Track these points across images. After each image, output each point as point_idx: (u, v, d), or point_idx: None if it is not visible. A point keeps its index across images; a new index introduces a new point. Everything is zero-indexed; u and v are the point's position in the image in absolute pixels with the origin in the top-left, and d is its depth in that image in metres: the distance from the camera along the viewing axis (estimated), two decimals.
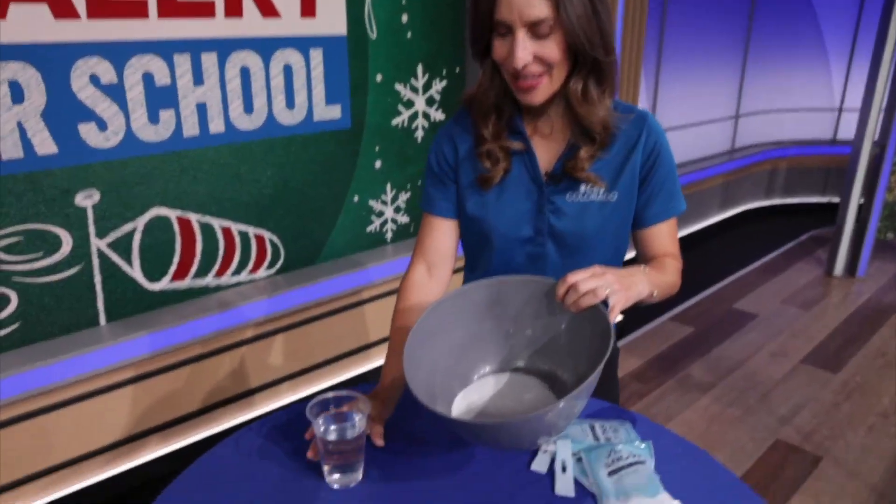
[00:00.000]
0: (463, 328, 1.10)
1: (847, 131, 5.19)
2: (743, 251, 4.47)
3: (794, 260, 4.33)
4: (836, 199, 5.23)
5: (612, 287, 0.96)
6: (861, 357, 3.07)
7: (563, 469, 1.00)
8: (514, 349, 1.12)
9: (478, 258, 1.27)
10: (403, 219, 2.73)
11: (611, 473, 0.96)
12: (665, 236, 1.19)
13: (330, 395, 1.03)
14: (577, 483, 0.98)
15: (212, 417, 2.18)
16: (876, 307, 3.60)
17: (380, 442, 1.04)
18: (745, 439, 2.45)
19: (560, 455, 1.04)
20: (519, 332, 1.11)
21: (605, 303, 0.97)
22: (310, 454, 1.02)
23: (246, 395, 2.26)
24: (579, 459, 1.03)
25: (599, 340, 0.97)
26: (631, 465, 0.97)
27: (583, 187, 1.14)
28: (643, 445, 1.03)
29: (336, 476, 0.99)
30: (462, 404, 1.07)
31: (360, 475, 1.00)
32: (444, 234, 1.24)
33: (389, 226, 2.69)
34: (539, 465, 1.03)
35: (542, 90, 1.06)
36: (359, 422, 0.99)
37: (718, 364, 3.01)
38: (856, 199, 3.87)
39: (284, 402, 2.36)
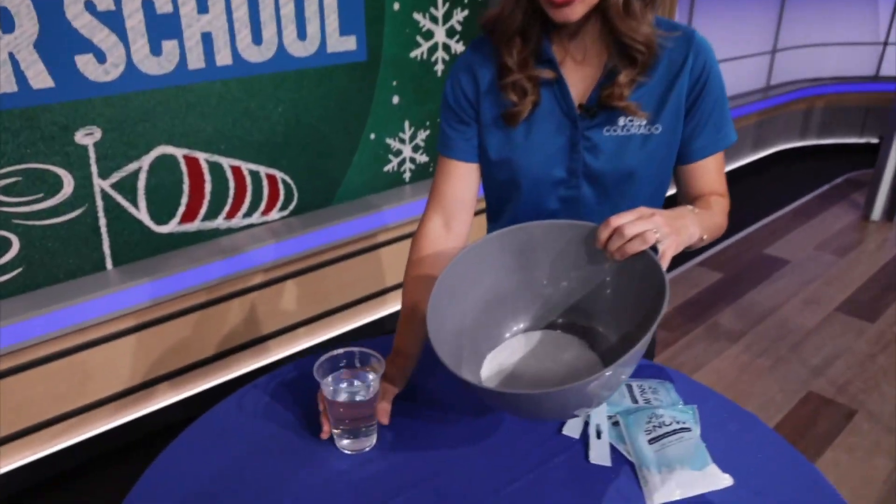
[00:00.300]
0: (490, 281, 0.99)
1: (891, 67, 4.92)
2: (775, 194, 4.29)
3: (828, 204, 4.15)
4: (874, 140, 5.01)
5: (661, 230, 0.85)
6: None
7: (598, 435, 0.92)
8: (548, 304, 1.02)
9: (503, 206, 1.15)
10: (422, 158, 2.61)
11: (652, 441, 0.87)
12: (712, 172, 1.07)
13: (340, 351, 0.94)
14: (614, 450, 0.90)
15: (224, 364, 2.13)
16: None
17: (385, 420, 0.95)
18: (775, 390, 2.36)
19: (595, 419, 0.95)
20: (554, 284, 1.00)
21: (653, 249, 0.87)
22: (324, 434, 0.93)
23: (260, 340, 2.20)
24: (615, 423, 0.94)
25: (650, 293, 0.86)
26: (675, 432, 0.88)
27: (622, 120, 1.01)
28: (688, 410, 0.94)
29: (347, 441, 0.91)
30: (492, 367, 0.97)
31: (373, 440, 0.92)
32: (462, 180, 1.12)
33: (408, 165, 2.57)
34: (571, 429, 0.94)
35: (580, 5, 0.92)
36: (373, 382, 0.90)
37: (748, 312, 2.90)
38: None
39: (300, 348, 2.31)
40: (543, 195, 1.09)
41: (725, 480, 0.82)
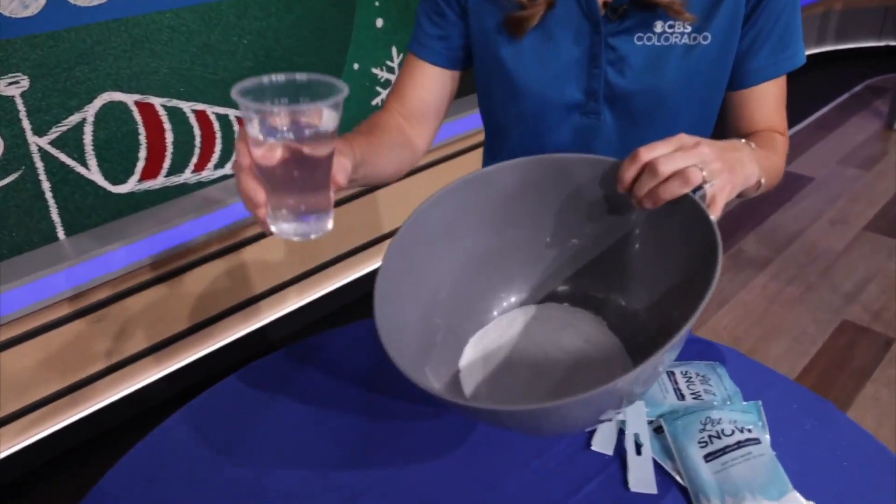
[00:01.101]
0: (472, 240, 0.77)
1: None
2: (793, 107, 3.95)
3: (849, 114, 3.89)
4: (894, 43, 4.68)
5: (710, 166, 0.64)
6: None
7: (638, 450, 0.71)
8: (551, 268, 0.80)
9: (501, 139, 0.94)
10: None
11: (709, 458, 0.68)
12: (771, 102, 0.86)
13: (269, 79, 0.62)
14: (659, 469, 0.69)
15: (212, 332, 1.94)
16: None
17: (342, 180, 0.65)
18: (807, 321, 2.19)
19: (631, 426, 0.73)
20: (560, 242, 0.78)
21: (696, 192, 0.65)
22: (260, 210, 0.60)
23: (249, 303, 2.01)
24: (658, 430, 0.74)
25: (694, 253, 0.64)
26: (739, 445, 0.68)
27: (659, 24, 0.79)
28: (752, 409, 0.74)
29: (289, 224, 0.61)
30: (475, 356, 0.76)
31: (329, 223, 0.63)
32: (431, 87, 0.90)
33: None
34: (602, 443, 0.73)
35: None
36: (327, 115, 0.59)
37: (773, 236, 2.70)
38: None
39: (292, 307, 2.12)
40: (552, 124, 0.87)
41: None
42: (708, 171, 0.64)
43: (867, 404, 1.88)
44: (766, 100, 0.85)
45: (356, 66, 2.13)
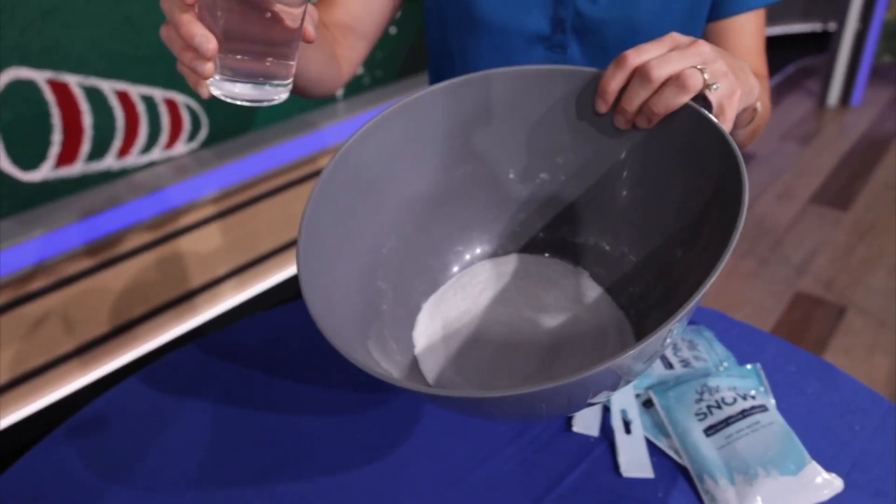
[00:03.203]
0: (420, 178, 0.63)
1: None
2: None
3: (784, 94, 3.95)
4: (818, 27, 4.80)
5: (712, 66, 0.52)
6: (868, 192, 2.81)
7: (627, 428, 0.63)
8: (518, 212, 0.67)
9: (454, 71, 0.83)
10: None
11: (710, 432, 0.60)
12: (752, 38, 0.77)
13: None
14: (652, 448, 0.61)
15: (141, 332, 1.79)
16: (876, 137, 3.32)
17: (313, 30, 0.55)
18: (764, 295, 2.18)
19: (616, 401, 0.65)
20: (528, 177, 0.65)
21: (700, 102, 0.53)
22: (207, 53, 0.47)
23: (183, 299, 1.87)
24: (647, 404, 0.66)
25: (706, 177, 0.53)
26: (743, 414, 0.60)
27: None
28: (751, 373, 0.67)
29: (243, 86, 0.50)
30: (432, 325, 0.62)
31: (289, 89, 0.53)
32: (365, 3, 0.79)
33: None
34: (584, 423, 0.64)
35: None
36: None
37: None
38: (853, 23, 3.51)
39: (230, 304, 1.98)
40: (514, 57, 0.77)
41: (833, 485, 0.55)
42: (710, 72, 0.52)
43: None
44: (746, 35, 0.77)
45: None
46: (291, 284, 2.12)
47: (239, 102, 0.51)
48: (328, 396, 0.69)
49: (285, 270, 2.12)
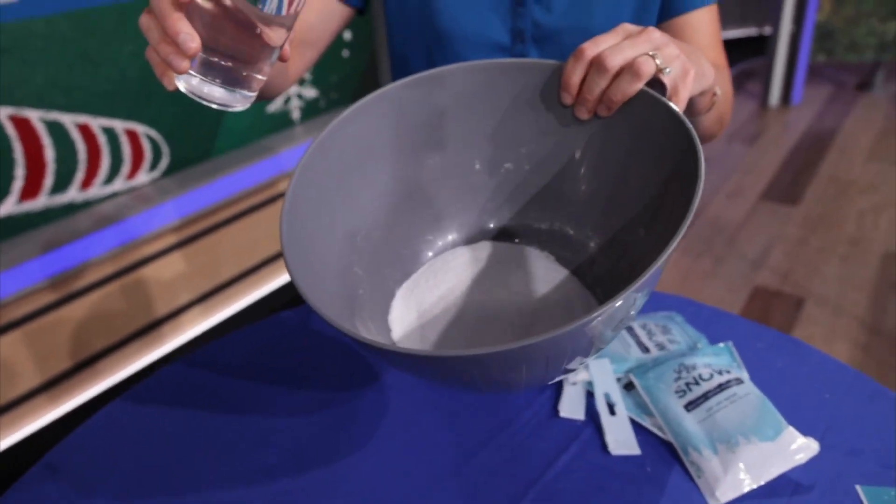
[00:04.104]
0: (389, 168, 0.66)
1: None
2: None
3: None
4: (754, 31, 4.99)
5: (663, 52, 0.55)
6: (815, 186, 2.91)
7: (612, 410, 0.67)
8: (486, 200, 0.70)
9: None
10: (310, 92, 2.26)
11: (690, 407, 0.64)
12: (707, 34, 0.80)
13: None
14: (637, 428, 0.65)
15: (108, 365, 1.77)
16: (818, 133, 3.45)
17: (288, 51, 0.57)
18: (723, 292, 2.25)
19: (599, 386, 0.69)
20: (492, 168, 0.68)
21: (653, 87, 0.57)
22: (189, 52, 0.47)
23: (149, 329, 1.85)
24: (628, 386, 0.69)
25: (663, 158, 0.55)
26: (721, 388, 0.64)
27: None
28: (724, 351, 0.72)
29: (217, 89, 0.52)
30: (406, 310, 0.65)
31: (254, 97, 0.55)
32: (318, 8, 0.81)
33: (295, 102, 2.22)
34: (570, 408, 0.68)
35: None
36: None
37: None
38: (787, 25, 3.66)
39: (197, 331, 1.97)
40: None
41: (810, 448, 0.58)
42: (661, 57, 0.55)
43: None
44: (701, 31, 0.80)
45: None
46: (257, 309, 2.11)
47: (203, 101, 0.52)
48: (316, 399, 0.71)
49: (250, 295, 2.12)
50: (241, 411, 0.70)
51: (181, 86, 0.51)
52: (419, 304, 0.66)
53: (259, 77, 0.54)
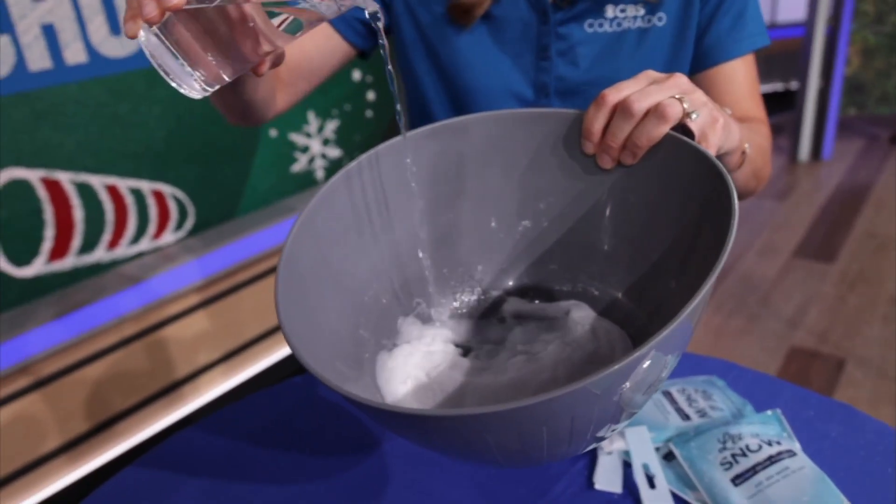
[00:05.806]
0: (399, 225, 0.62)
1: (786, 12, 4.87)
2: None
3: None
4: (780, 86, 5.00)
5: (691, 97, 0.53)
6: (852, 242, 2.83)
7: (651, 483, 0.62)
8: (503, 260, 0.65)
9: None
10: (334, 152, 2.28)
11: (739, 480, 0.59)
12: (742, 84, 0.77)
13: None
14: (679, 501, 0.60)
15: (130, 426, 1.74)
16: (851, 188, 3.38)
17: (264, 68, 0.54)
18: (756, 351, 2.17)
19: (637, 455, 0.64)
20: (509, 226, 0.64)
21: (681, 131, 0.53)
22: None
23: (170, 389, 1.83)
24: (668, 457, 0.64)
25: (693, 204, 0.52)
26: (771, 461, 0.59)
27: (610, 9, 0.73)
28: (773, 419, 0.67)
29: (175, 61, 0.47)
30: (413, 381, 0.58)
31: (204, 94, 0.51)
32: (318, 44, 0.79)
33: (319, 162, 2.24)
34: (606, 480, 0.63)
35: None
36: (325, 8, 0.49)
37: None
38: (815, 80, 3.64)
39: (219, 391, 1.94)
40: None
41: None
42: (689, 101, 0.52)
43: None
44: (736, 81, 0.77)
45: (273, 132, 2.05)
46: (279, 370, 2.08)
47: (157, 68, 0.48)
48: (336, 465, 0.67)
49: (272, 355, 2.09)
50: (255, 479, 0.67)
51: (142, 40, 0.46)
52: (427, 369, 0.60)
53: (223, 75, 0.50)
